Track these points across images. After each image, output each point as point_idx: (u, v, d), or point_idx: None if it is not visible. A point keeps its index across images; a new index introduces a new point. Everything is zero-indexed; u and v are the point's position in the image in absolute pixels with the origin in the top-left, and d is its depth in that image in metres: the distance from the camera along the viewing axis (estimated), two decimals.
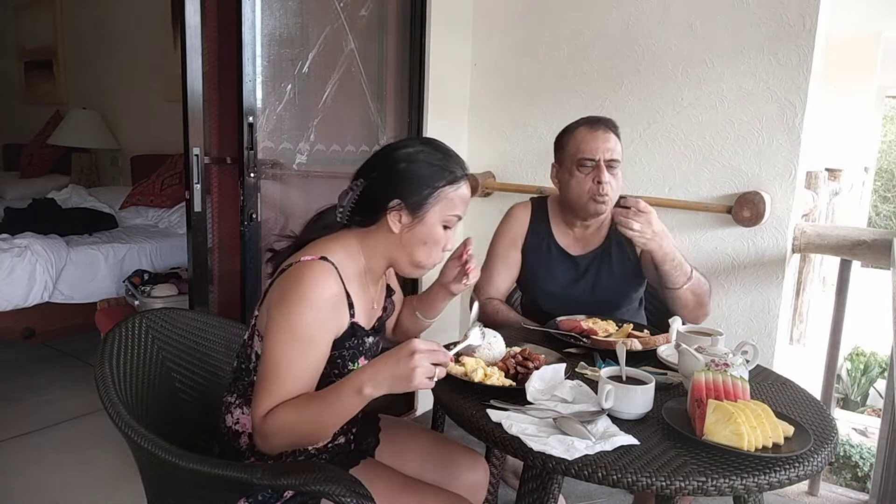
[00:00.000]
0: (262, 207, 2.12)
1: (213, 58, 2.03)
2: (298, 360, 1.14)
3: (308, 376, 1.16)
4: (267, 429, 1.12)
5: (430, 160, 1.23)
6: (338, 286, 1.18)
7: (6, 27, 5.70)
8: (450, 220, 1.25)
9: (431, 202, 1.22)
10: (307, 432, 1.14)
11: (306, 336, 1.14)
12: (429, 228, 1.23)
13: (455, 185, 1.24)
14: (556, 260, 1.93)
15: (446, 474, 1.44)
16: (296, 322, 1.13)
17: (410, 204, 1.21)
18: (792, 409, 1.33)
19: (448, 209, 1.24)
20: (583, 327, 1.64)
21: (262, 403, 1.13)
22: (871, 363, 4.80)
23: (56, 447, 2.49)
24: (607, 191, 1.77)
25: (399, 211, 1.22)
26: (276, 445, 1.15)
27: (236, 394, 1.29)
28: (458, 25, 2.78)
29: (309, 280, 1.15)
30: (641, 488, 1.04)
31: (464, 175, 1.26)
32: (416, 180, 1.22)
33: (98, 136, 4.76)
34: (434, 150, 1.26)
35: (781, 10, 2.14)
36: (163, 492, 1.26)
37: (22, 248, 3.03)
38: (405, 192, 1.21)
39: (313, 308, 1.14)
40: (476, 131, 2.90)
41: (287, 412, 1.12)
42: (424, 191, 1.21)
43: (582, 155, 1.78)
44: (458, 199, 1.25)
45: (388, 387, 1.08)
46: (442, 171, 1.23)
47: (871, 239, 2.16)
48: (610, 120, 1.84)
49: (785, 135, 2.17)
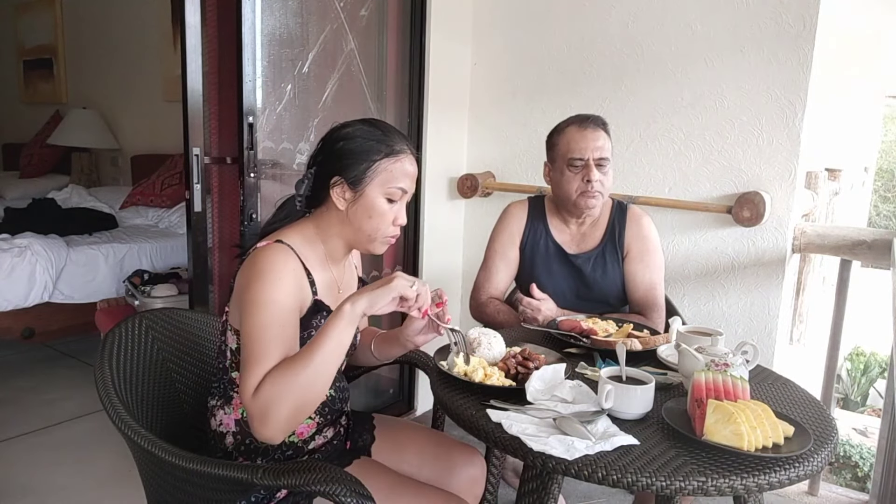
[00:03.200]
0: (262, 207, 2.12)
1: (213, 58, 2.03)
2: (273, 327, 1.14)
3: (285, 341, 1.15)
4: (262, 405, 1.07)
5: (367, 136, 1.26)
6: (295, 262, 1.21)
7: (6, 27, 5.70)
8: (392, 192, 1.26)
9: (370, 175, 1.24)
10: (303, 389, 1.09)
11: (274, 303, 1.15)
12: (371, 201, 1.25)
13: (392, 157, 1.26)
14: (554, 257, 1.94)
15: (443, 470, 1.44)
16: (261, 294, 1.15)
17: (350, 179, 1.24)
18: (792, 409, 1.33)
19: (388, 181, 1.25)
20: (583, 327, 1.64)
21: (248, 381, 1.10)
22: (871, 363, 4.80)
23: (56, 447, 2.49)
24: (597, 188, 1.81)
25: (341, 186, 1.25)
26: (275, 421, 1.07)
27: (217, 395, 1.30)
28: (458, 25, 2.78)
29: (265, 258, 1.18)
30: (641, 488, 1.04)
31: (404, 150, 1.28)
32: (353, 155, 1.25)
33: (98, 136, 4.76)
34: (373, 127, 1.29)
35: (781, 10, 2.14)
36: (163, 491, 1.26)
37: (22, 248, 3.03)
38: (344, 168, 1.24)
39: (275, 279, 1.16)
40: (476, 131, 2.90)
41: (276, 377, 1.09)
42: (362, 165, 1.24)
43: (572, 154, 1.82)
44: (399, 172, 1.26)
45: (368, 298, 1.13)
46: (379, 144, 1.26)
47: (871, 239, 2.16)
48: (599, 118, 1.86)
49: (785, 135, 2.17)
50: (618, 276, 1.92)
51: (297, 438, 1.30)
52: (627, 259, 1.91)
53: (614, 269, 1.91)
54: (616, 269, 1.91)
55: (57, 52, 5.23)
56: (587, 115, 1.87)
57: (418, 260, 2.78)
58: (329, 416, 1.34)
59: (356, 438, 1.45)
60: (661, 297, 1.91)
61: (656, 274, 1.91)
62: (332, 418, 1.36)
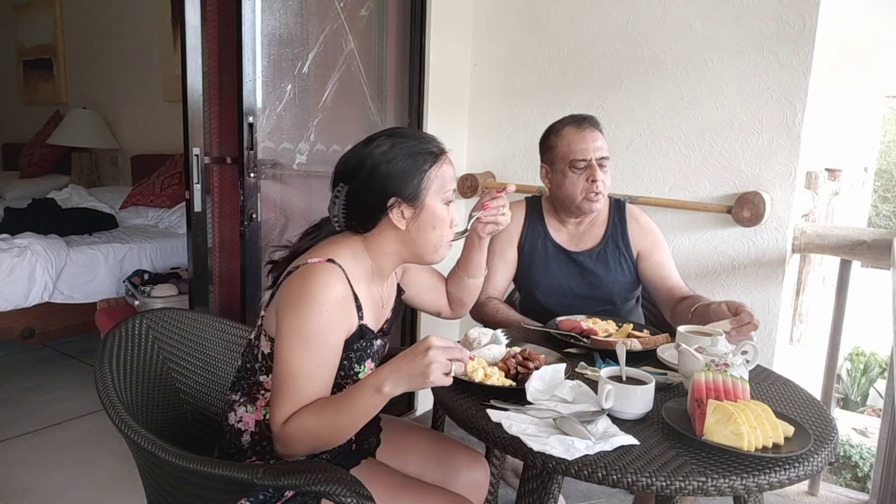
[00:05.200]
0: (262, 207, 2.12)
1: (213, 58, 2.03)
2: (311, 363, 1.15)
3: (322, 379, 1.17)
4: (288, 436, 1.13)
5: (408, 150, 1.25)
6: (345, 287, 1.19)
7: (6, 27, 5.70)
8: (448, 195, 1.27)
9: (425, 186, 1.24)
10: (327, 435, 1.15)
11: (318, 338, 1.15)
12: (432, 211, 1.25)
13: (439, 163, 1.26)
14: (553, 255, 1.95)
15: (447, 474, 1.44)
16: (306, 325, 1.14)
17: (407, 197, 1.23)
18: (792, 409, 1.33)
19: (442, 186, 1.26)
20: (583, 327, 1.64)
21: (280, 410, 1.14)
22: (871, 363, 4.80)
23: (56, 447, 2.49)
24: (601, 188, 1.82)
25: (399, 207, 1.23)
26: (296, 451, 1.16)
27: (241, 392, 1.30)
28: (458, 25, 2.78)
29: (317, 282, 1.16)
30: (641, 488, 1.04)
31: (443, 150, 1.28)
32: (403, 174, 1.23)
33: (98, 136, 4.76)
34: (404, 138, 1.27)
35: (781, 10, 2.14)
36: (163, 492, 1.26)
37: (22, 248, 3.03)
38: (397, 188, 1.22)
39: (323, 310, 1.15)
40: (476, 131, 2.90)
41: (306, 417, 1.13)
42: (414, 180, 1.23)
43: (574, 156, 1.82)
44: (448, 175, 1.28)
45: (407, 384, 1.10)
46: (421, 155, 1.25)
47: (871, 239, 2.16)
48: (592, 117, 1.87)
49: (785, 135, 2.17)
50: (621, 274, 1.92)
51: None
52: (641, 257, 1.92)
53: (617, 267, 1.92)
54: (619, 267, 1.92)
55: (57, 52, 5.23)
56: (582, 116, 1.87)
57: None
58: None
59: (362, 440, 1.45)
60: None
61: (671, 260, 1.94)
62: None
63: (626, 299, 1.96)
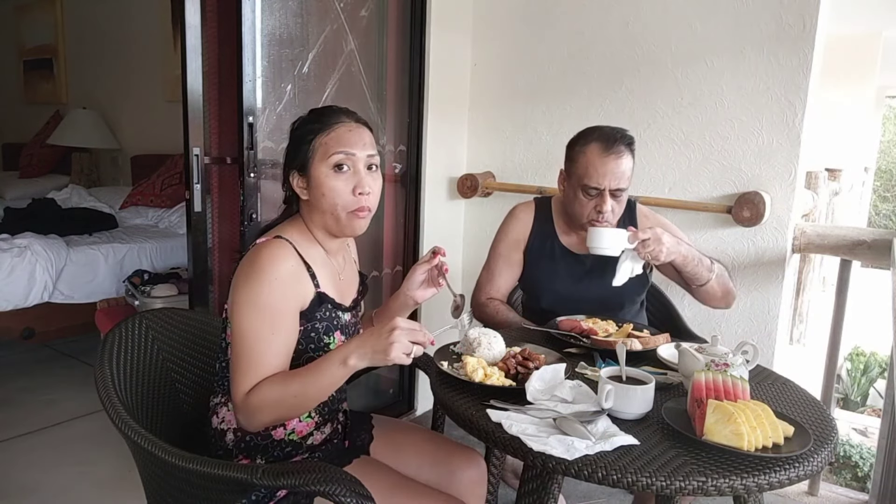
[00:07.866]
0: (262, 207, 2.12)
1: (213, 58, 2.03)
2: (268, 333, 1.18)
3: (279, 348, 1.19)
4: (251, 405, 1.15)
5: (304, 123, 1.29)
6: (295, 259, 1.23)
7: (6, 27, 5.70)
8: (334, 160, 1.23)
9: (310, 155, 1.25)
10: (292, 404, 1.17)
11: (270, 308, 1.18)
12: (319, 178, 1.25)
13: (325, 131, 1.26)
14: (561, 259, 1.92)
15: (444, 473, 1.44)
16: (257, 297, 1.17)
17: (298, 167, 1.26)
18: (792, 409, 1.33)
19: (327, 152, 1.24)
20: (583, 327, 1.64)
21: (241, 381, 1.17)
22: (871, 363, 4.81)
23: (56, 447, 2.49)
24: (608, 218, 1.77)
25: (295, 177, 1.27)
26: (260, 421, 1.18)
27: (221, 393, 1.31)
28: (458, 25, 2.78)
29: (265, 256, 1.20)
30: (641, 488, 1.04)
31: (340, 121, 1.27)
32: (294, 144, 1.28)
33: (98, 136, 4.76)
34: (312, 114, 1.31)
35: (781, 11, 2.14)
36: (163, 492, 1.26)
37: (22, 248, 3.03)
38: (292, 159, 1.28)
39: (272, 279, 1.18)
40: (476, 131, 2.90)
41: (271, 388, 1.16)
42: (302, 148, 1.26)
43: (588, 181, 1.74)
44: (333, 141, 1.25)
45: (370, 359, 1.13)
46: (313, 124, 1.27)
47: (871, 239, 2.16)
48: (625, 136, 1.75)
49: (785, 135, 2.18)
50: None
51: (296, 436, 1.30)
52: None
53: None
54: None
55: (57, 52, 5.23)
56: (614, 135, 1.74)
57: (418, 260, 2.77)
58: (327, 414, 1.35)
59: (355, 438, 1.45)
60: None
61: (686, 238, 1.86)
62: (330, 416, 1.37)
63: (634, 302, 1.95)
